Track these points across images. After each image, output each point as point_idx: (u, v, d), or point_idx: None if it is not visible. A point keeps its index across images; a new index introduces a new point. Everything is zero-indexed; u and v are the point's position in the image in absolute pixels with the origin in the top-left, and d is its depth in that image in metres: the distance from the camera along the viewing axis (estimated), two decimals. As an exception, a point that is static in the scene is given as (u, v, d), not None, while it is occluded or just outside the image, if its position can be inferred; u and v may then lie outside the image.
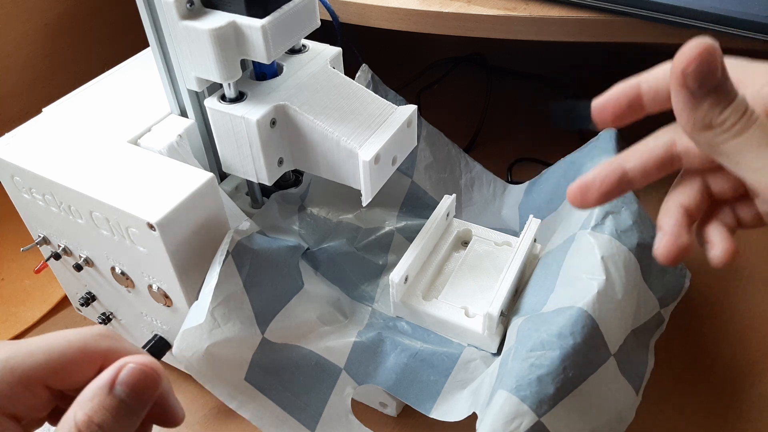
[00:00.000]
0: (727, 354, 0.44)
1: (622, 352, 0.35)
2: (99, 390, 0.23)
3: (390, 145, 0.36)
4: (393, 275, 0.39)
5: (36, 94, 0.61)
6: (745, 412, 0.41)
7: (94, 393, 0.23)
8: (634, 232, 0.39)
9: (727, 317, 0.46)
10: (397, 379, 0.38)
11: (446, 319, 0.40)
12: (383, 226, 0.47)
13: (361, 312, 0.42)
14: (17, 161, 0.39)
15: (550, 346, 0.32)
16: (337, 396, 0.37)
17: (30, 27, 0.59)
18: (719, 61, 0.22)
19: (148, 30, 0.36)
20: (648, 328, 0.39)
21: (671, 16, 0.44)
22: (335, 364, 0.38)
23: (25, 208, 0.42)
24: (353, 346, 0.39)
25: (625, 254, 0.37)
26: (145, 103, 0.42)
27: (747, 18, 0.41)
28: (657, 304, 0.40)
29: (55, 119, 0.42)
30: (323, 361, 0.38)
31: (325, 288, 0.42)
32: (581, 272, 0.36)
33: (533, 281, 0.40)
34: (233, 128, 0.36)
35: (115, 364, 0.24)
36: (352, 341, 0.39)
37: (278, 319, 0.37)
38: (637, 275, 0.38)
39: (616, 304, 0.35)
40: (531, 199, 0.49)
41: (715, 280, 0.48)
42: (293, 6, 0.34)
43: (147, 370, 0.24)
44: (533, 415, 0.30)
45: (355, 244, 0.45)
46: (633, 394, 0.36)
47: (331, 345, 0.38)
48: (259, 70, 0.38)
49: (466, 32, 0.49)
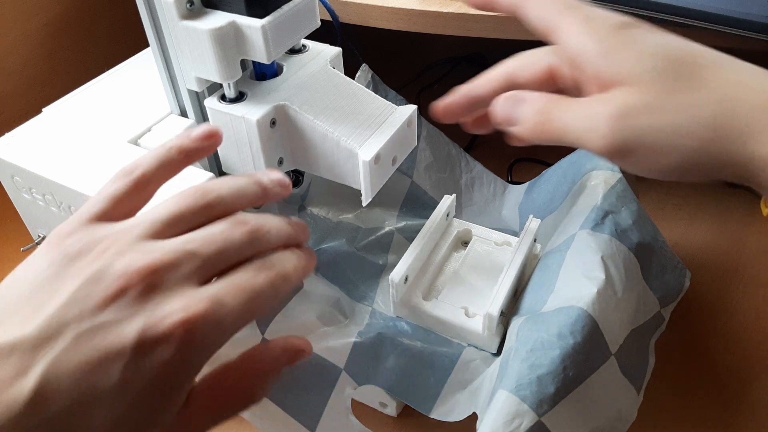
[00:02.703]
0: (728, 354, 0.44)
1: (623, 352, 0.35)
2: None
3: (390, 145, 0.36)
4: (393, 275, 0.39)
5: (36, 94, 0.61)
6: (746, 412, 0.41)
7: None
8: (634, 232, 0.39)
9: (727, 317, 0.46)
10: (397, 380, 0.38)
11: (446, 319, 0.40)
12: (383, 226, 0.47)
13: (361, 312, 0.42)
14: (17, 161, 0.39)
15: (550, 346, 0.32)
16: (337, 396, 0.37)
17: (30, 27, 0.59)
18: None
19: (148, 30, 0.36)
20: (648, 328, 0.39)
21: (671, 16, 0.44)
22: (335, 365, 0.38)
23: (25, 208, 0.42)
24: (353, 346, 0.39)
25: (625, 254, 0.38)
26: (145, 103, 0.42)
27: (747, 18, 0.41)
28: (657, 303, 0.40)
29: (55, 119, 0.42)
30: (323, 361, 0.38)
31: (325, 288, 0.42)
32: (581, 272, 0.36)
33: (533, 281, 0.40)
34: (233, 128, 0.36)
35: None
36: (351, 342, 0.39)
37: (278, 320, 0.37)
38: (637, 275, 0.38)
39: (616, 303, 0.35)
40: (531, 200, 0.49)
41: (716, 280, 0.48)
42: (293, 6, 0.34)
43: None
44: (533, 415, 0.30)
45: (355, 244, 0.45)
46: (634, 393, 0.36)
47: (331, 345, 0.38)
48: (259, 70, 0.38)
49: (466, 32, 0.49)
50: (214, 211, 0.29)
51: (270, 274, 0.28)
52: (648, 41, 0.29)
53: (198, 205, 0.28)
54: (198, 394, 0.27)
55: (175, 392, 0.25)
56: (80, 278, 0.24)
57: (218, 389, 0.27)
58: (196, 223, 0.28)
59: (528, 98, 0.31)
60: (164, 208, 0.28)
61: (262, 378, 0.29)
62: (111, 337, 0.23)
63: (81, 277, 0.25)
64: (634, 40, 0.29)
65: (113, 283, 0.24)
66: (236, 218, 0.29)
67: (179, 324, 0.24)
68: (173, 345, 0.24)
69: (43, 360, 0.23)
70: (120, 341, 0.23)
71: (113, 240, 0.26)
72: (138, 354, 0.24)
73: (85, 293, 0.24)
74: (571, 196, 0.44)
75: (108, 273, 0.25)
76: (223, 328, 0.26)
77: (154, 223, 0.27)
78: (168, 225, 0.27)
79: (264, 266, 0.28)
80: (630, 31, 0.29)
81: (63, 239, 0.26)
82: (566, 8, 0.30)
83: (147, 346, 0.24)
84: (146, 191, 0.29)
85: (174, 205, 0.28)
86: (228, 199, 0.29)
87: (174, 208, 0.28)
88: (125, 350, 0.23)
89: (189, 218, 0.28)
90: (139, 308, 0.24)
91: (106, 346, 0.23)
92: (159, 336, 0.24)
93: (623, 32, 0.29)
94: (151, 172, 0.30)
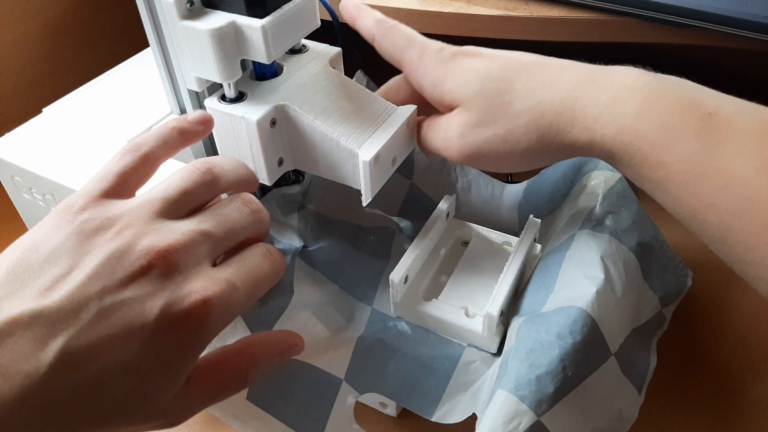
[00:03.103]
0: (729, 354, 0.44)
1: (623, 352, 0.35)
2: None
3: (390, 146, 0.36)
4: (393, 275, 0.39)
5: (36, 94, 0.61)
6: (747, 412, 0.41)
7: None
8: (634, 232, 0.39)
9: (728, 317, 0.46)
10: (398, 386, 0.38)
11: (446, 319, 0.40)
12: (383, 226, 0.47)
13: (361, 312, 0.42)
14: (17, 161, 0.39)
15: (549, 346, 0.32)
16: (339, 407, 0.37)
17: (30, 27, 0.59)
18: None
19: (148, 30, 0.36)
20: (650, 327, 0.39)
21: (671, 16, 0.44)
22: (335, 376, 0.38)
23: (25, 208, 0.42)
24: (353, 355, 0.39)
25: (625, 254, 0.38)
26: (145, 103, 0.42)
27: (747, 18, 0.41)
28: (658, 303, 0.40)
29: (55, 119, 0.42)
30: (323, 374, 0.38)
31: (324, 288, 0.42)
32: (580, 272, 0.36)
33: (533, 281, 0.40)
34: (233, 128, 0.36)
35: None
36: (351, 351, 0.39)
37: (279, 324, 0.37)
38: (637, 274, 0.38)
39: (616, 303, 0.35)
40: (531, 199, 0.49)
41: (717, 280, 0.48)
42: (293, 6, 0.34)
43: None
44: (532, 415, 0.30)
45: (355, 244, 0.45)
46: (635, 393, 0.36)
47: (331, 357, 0.38)
48: (259, 70, 0.38)
49: (466, 32, 0.49)
50: (217, 186, 0.30)
51: (273, 261, 0.30)
52: (469, 68, 0.34)
53: (203, 181, 0.29)
54: (198, 374, 0.28)
55: (182, 369, 0.26)
56: (102, 254, 0.25)
57: (216, 370, 0.29)
58: (204, 198, 0.30)
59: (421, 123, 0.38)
60: (174, 185, 0.29)
61: (256, 363, 0.31)
62: (133, 314, 0.24)
63: (103, 252, 0.25)
64: (458, 69, 0.34)
65: (136, 261, 0.25)
66: (242, 198, 0.31)
67: (200, 302, 0.25)
68: (191, 323, 0.25)
69: (65, 333, 0.23)
70: (143, 317, 0.24)
71: (131, 218, 0.27)
72: (159, 330, 0.24)
73: (108, 269, 0.25)
74: (572, 196, 0.44)
75: (131, 251, 0.25)
76: (232, 310, 0.27)
77: (167, 201, 0.28)
78: (179, 202, 0.28)
79: (268, 253, 0.30)
80: (454, 61, 0.34)
81: (76, 214, 0.27)
82: (406, 45, 0.36)
83: (168, 323, 0.25)
84: (152, 168, 0.31)
85: (183, 182, 0.29)
86: (231, 176, 0.31)
87: (183, 184, 0.29)
88: (147, 326, 0.24)
89: (196, 194, 0.29)
90: (161, 287, 0.25)
91: (129, 322, 0.24)
92: (181, 313, 0.25)
93: (449, 63, 0.34)
94: (158, 149, 0.31)
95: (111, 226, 0.26)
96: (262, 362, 0.31)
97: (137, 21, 0.36)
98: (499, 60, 0.34)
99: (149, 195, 0.28)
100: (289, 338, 0.33)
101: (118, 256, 0.25)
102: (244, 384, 0.30)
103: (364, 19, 0.38)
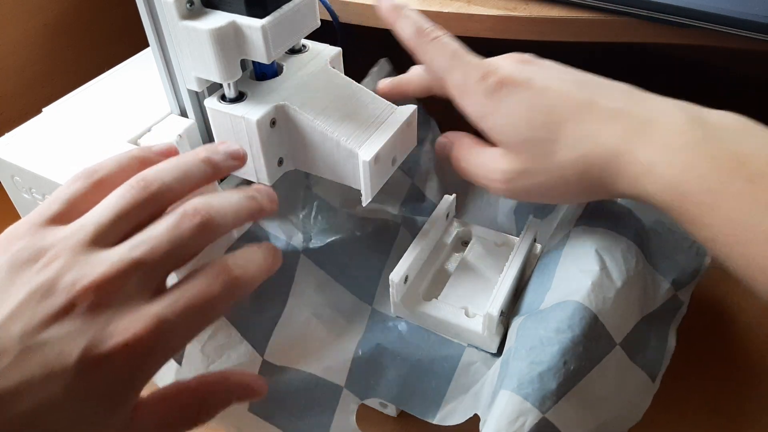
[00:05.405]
0: (729, 354, 0.44)
1: (631, 340, 0.35)
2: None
3: (390, 146, 0.36)
4: (393, 275, 0.39)
5: (36, 94, 0.61)
6: (748, 413, 0.41)
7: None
8: (632, 220, 0.39)
9: (728, 317, 0.46)
10: (399, 391, 0.38)
11: (446, 319, 0.40)
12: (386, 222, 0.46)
13: (361, 312, 0.42)
14: (17, 161, 0.39)
15: (549, 342, 0.32)
16: (341, 414, 0.37)
17: (30, 27, 0.59)
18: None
19: (148, 30, 0.36)
20: (664, 312, 0.39)
21: (671, 16, 0.44)
22: (336, 384, 0.38)
23: (25, 208, 0.42)
24: (352, 362, 0.39)
25: (624, 243, 0.37)
26: (145, 103, 0.42)
27: (747, 18, 0.41)
28: (671, 286, 0.39)
29: (55, 119, 0.42)
30: (324, 382, 0.38)
31: (326, 287, 0.42)
32: (576, 267, 0.36)
33: (532, 281, 0.40)
34: (233, 128, 0.36)
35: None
36: (350, 357, 0.39)
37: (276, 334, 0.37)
38: (639, 261, 0.38)
39: (616, 292, 0.35)
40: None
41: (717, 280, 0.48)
42: (293, 6, 0.34)
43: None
44: (537, 412, 0.30)
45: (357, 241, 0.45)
46: (648, 381, 0.36)
47: (331, 364, 0.38)
48: (259, 70, 0.38)
49: (466, 32, 0.49)
50: (160, 201, 0.28)
51: (228, 279, 0.27)
52: (514, 109, 0.34)
53: (141, 199, 0.27)
54: (146, 408, 0.26)
55: (118, 407, 0.25)
56: (25, 290, 0.24)
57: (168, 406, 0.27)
58: (143, 216, 0.27)
59: (455, 142, 0.39)
60: (107, 209, 0.27)
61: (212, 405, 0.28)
62: (53, 355, 0.23)
63: (26, 288, 0.24)
64: (503, 107, 0.34)
65: (58, 299, 0.24)
66: (184, 209, 0.27)
67: (121, 345, 0.24)
68: (116, 365, 0.24)
69: None
70: (63, 360, 0.23)
71: (60, 248, 0.25)
72: (81, 373, 0.23)
73: (31, 307, 0.24)
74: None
75: (54, 288, 0.24)
76: (168, 347, 0.26)
77: (99, 226, 0.26)
78: (113, 226, 0.26)
79: (223, 270, 0.27)
80: (499, 94, 0.34)
81: (12, 243, 0.26)
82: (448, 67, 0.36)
83: (90, 366, 0.23)
84: (104, 195, 0.28)
85: (116, 204, 0.27)
86: (174, 186, 0.28)
87: (117, 207, 0.27)
88: (68, 369, 0.23)
89: (134, 214, 0.27)
90: (84, 326, 0.24)
91: (50, 363, 0.23)
92: (101, 357, 0.24)
93: (494, 96, 0.34)
94: (113, 175, 0.29)
95: (40, 257, 0.25)
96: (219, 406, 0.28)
97: (137, 21, 0.36)
98: (546, 98, 0.33)
99: (82, 221, 0.27)
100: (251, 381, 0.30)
101: (42, 292, 0.24)
102: (195, 423, 0.28)
103: (402, 25, 0.37)
